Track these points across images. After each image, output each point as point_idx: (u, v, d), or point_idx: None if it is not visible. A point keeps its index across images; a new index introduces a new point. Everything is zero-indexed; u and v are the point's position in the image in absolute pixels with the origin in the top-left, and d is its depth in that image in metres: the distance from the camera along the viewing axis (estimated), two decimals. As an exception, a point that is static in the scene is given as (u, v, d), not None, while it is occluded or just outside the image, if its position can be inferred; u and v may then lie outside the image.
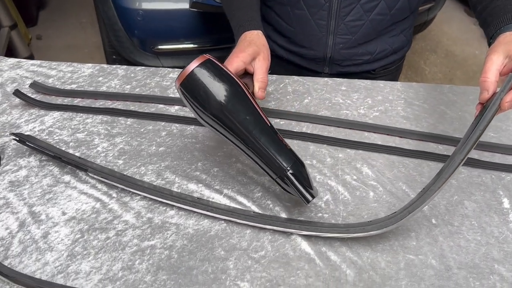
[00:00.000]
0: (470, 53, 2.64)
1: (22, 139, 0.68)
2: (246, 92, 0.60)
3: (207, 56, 0.60)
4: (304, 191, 0.58)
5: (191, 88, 0.59)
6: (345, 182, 0.67)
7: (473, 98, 0.83)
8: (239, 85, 0.60)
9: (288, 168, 0.58)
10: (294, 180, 0.58)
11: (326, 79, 0.88)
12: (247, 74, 0.71)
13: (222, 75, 0.59)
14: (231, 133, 0.59)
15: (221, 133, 0.61)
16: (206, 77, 0.58)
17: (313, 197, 0.59)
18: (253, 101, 0.61)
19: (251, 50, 0.70)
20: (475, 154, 0.72)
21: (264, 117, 0.61)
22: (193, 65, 0.58)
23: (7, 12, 2.14)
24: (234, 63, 0.67)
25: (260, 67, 0.70)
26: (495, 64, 0.60)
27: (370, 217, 0.62)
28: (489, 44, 0.66)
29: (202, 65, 0.58)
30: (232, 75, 0.60)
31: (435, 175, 0.57)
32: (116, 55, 1.76)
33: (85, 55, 2.51)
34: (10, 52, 2.15)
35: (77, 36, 2.70)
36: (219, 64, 0.60)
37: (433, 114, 0.80)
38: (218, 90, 0.58)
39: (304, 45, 0.95)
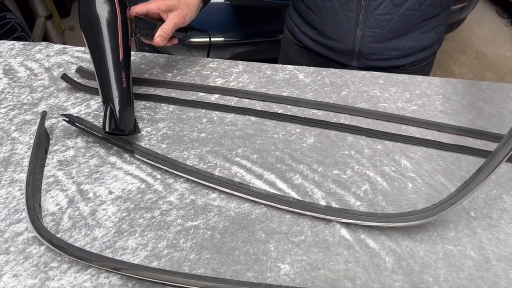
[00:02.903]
0: (501, 55, 2.60)
1: (71, 120, 0.70)
2: (119, 27, 0.71)
3: None
4: (108, 121, 0.68)
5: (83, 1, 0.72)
6: (383, 173, 0.68)
7: (512, 95, 0.83)
8: (116, 19, 0.71)
9: (113, 99, 0.69)
10: (108, 110, 0.69)
11: (363, 72, 0.88)
12: (163, 20, 0.79)
13: (108, 5, 0.70)
14: (90, 48, 0.72)
15: (87, 45, 0.72)
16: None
17: (110, 130, 0.68)
18: (120, 36, 0.71)
19: (170, 2, 0.78)
20: (514, 150, 0.72)
21: (121, 53, 0.71)
22: None
23: (44, 3, 2.20)
24: (149, 4, 0.77)
25: (171, 20, 0.77)
26: None
27: (408, 208, 0.63)
28: None
29: None
30: (117, 10, 0.71)
31: (477, 169, 0.58)
32: (148, 46, 1.79)
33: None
34: (45, 41, 2.21)
35: (108, 28, 2.75)
36: None
37: (471, 109, 0.80)
38: (98, 12, 0.70)
39: (333, 37, 0.95)
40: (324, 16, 0.94)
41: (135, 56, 0.92)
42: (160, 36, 0.77)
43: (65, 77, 0.82)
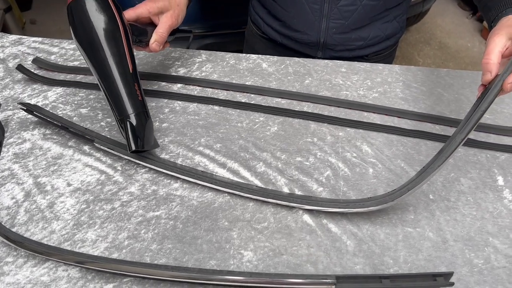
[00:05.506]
0: (463, 46, 2.67)
1: (29, 108, 0.68)
2: (122, 36, 0.64)
3: None
4: (132, 139, 0.62)
5: (74, 11, 0.63)
6: (345, 159, 0.69)
7: (469, 82, 0.85)
8: (117, 27, 0.64)
9: (130, 115, 0.62)
10: (128, 126, 0.62)
11: (326, 61, 0.89)
12: (154, 25, 0.74)
13: (105, 12, 0.63)
14: (93, 65, 0.63)
15: (86, 60, 0.64)
16: (90, 7, 0.62)
17: (137, 148, 0.62)
18: (125, 46, 0.64)
19: (161, 4, 0.73)
20: (471, 134, 0.73)
21: (129, 63, 0.64)
22: None
23: (1, -6, 2.12)
24: (138, 9, 0.71)
25: (164, 22, 0.73)
26: (497, 46, 0.61)
27: (369, 192, 0.64)
28: (490, 28, 0.68)
29: None
30: (116, 16, 0.64)
31: (436, 154, 0.59)
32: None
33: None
34: (4, 35, 2.13)
35: (71, 21, 2.67)
36: (109, 2, 0.64)
37: (431, 96, 0.82)
38: (96, 23, 0.62)
39: (298, 29, 0.96)
40: (289, 8, 0.94)
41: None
42: (156, 41, 0.72)
43: (20, 67, 0.79)
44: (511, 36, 0.61)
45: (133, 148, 0.62)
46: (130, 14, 0.70)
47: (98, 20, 0.62)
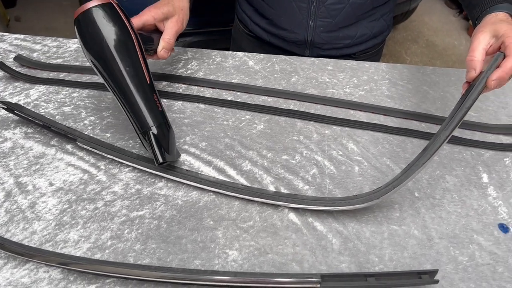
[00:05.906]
0: (450, 44, 2.70)
1: (10, 107, 0.67)
2: (136, 46, 0.62)
3: (112, 0, 0.61)
4: (158, 152, 0.60)
5: (83, 24, 0.60)
6: (331, 157, 0.69)
7: (454, 80, 0.86)
8: (129, 37, 0.61)
9: (152, 127, 0.61)
10: (152, 139, 0.60)
11: (312, 58, 0.89)
12: (159, 31, 0.73)
13: (116, 23, 0.60)
14: (108, 79, 0.61)
15: (101, 75, 0.62)
16: (100, 18, 0.59)
17: (164, 160, 0.60)
18: (140, 56, 0.62)
19: (165, 9, 0.72)
20: (456, 132, 0.73)
21: (146, 74, 0.62)
22: (92, 3, 0.59)
23: (-15, -9, 2.09)
24: (143, 16, 0.70)
25: (170, 28, 0.72)
26: (482, 44, 0.61)
27: (355, 190, 0.64)
28: (475, 26, 0.68)
29: (101, 6, 0.59)
30: (127, 26, 0.62)
31: (421, 151, 0.59)
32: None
33: (66, 38, 2.46)
34: (-12, 32, 2.09)
35: (57, 18, 2.65)
36: (119, 12, 0.61)
37: (417, 94, 0.82)
38: (107, 35, 0.59)
39: (285, 28, 0.95)
40: (276, 6, 0.93)
41: (78, 43, 0.88)
42: (164, 48, 0.70)
43: (2, 65, 0.78)
44: (495, 33, 0.61)
45: (161, 161, 0.60)
46: (136, 22, 0.68)
47: (110, 32, 0.59)
